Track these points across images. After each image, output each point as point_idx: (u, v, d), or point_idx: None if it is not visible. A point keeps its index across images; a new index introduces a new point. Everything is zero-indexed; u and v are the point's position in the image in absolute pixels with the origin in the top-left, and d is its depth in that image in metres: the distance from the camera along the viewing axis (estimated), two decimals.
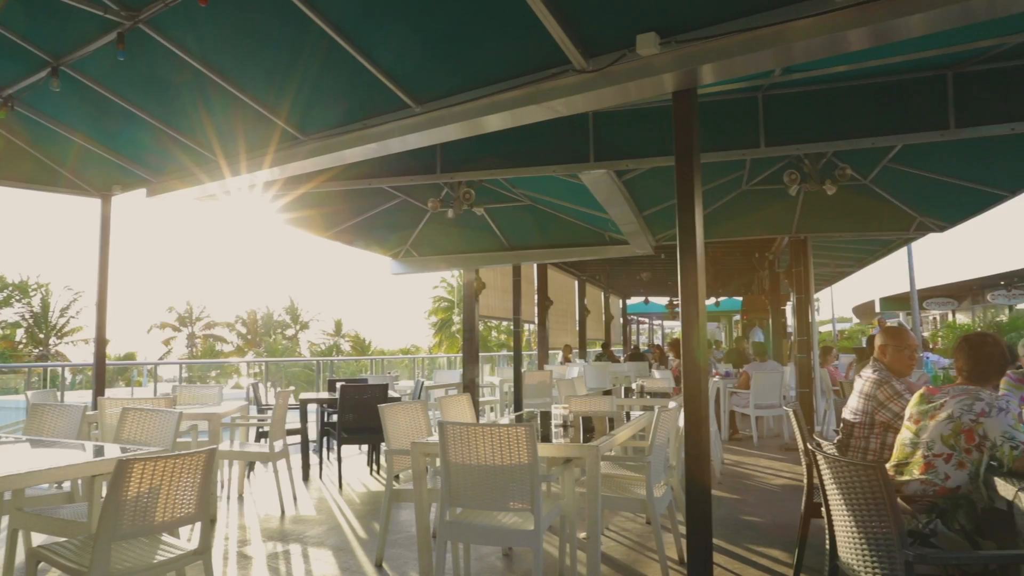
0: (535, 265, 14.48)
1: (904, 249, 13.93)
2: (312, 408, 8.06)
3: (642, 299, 24.19)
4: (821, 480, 2.98)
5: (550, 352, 15.58)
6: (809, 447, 3.75)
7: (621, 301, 25.00)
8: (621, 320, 25.36)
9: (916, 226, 7.81)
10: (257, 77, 4.56)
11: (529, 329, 19.21)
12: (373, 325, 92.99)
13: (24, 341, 39.39)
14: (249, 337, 47.96)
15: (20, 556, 4.24)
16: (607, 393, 7.87)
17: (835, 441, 3.97)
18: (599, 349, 19.48)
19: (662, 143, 5.33)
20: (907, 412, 3.33)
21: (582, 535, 4.53)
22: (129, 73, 4.79)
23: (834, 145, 5.14)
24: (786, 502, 6.10)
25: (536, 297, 14.76)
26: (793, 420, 4.32)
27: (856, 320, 37.89)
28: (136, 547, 3.21)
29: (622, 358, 17.32)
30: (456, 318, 46.16)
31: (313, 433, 8.24)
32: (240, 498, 6.55)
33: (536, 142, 5.75)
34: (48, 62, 4.73)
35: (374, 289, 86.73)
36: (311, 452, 7.78)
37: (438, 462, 4.26)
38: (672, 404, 4.87)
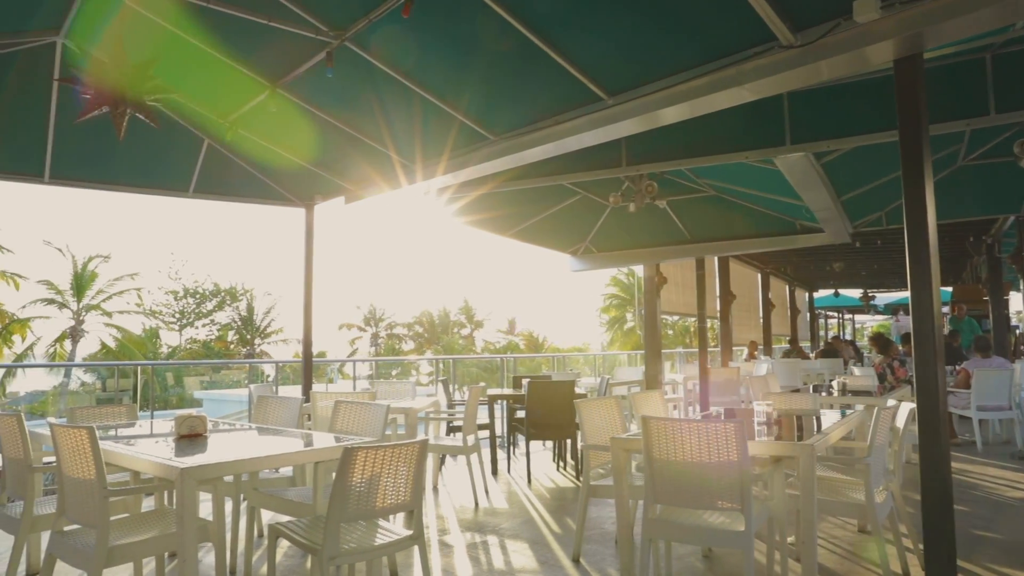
0: (716, 258, 13.96)
1: None
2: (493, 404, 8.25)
3: (831, 291, 22.62)
4: None
5: (733, 349, 14.96)
6: None
7: (807, 294, 23.52)
8: (808, 314, 23.85)
9: None
10: (453, 82, 4.72)
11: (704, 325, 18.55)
12: (545, 323, 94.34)
13: (235, 341, 43.77)
14: (427, 336, 50.32)
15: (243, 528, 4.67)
16: (795, 391, 7.40)
17: None
18: (786, 345, 18.45)
19: (868, 119, 4.90)
20: None
21: (791, 540, 4.26)
22: (333, 88, 5.14)
23: None
24: None
25: (718, 291, 14.22)
26: None
27: None
28: (357, 530, 3.41)
29: (812, 354, 16.27)
30: (629, 315, 45.73)
31: (498, 428, 8.45)
32: (435, 489, 6.83)
33: (726, 128, 5.50)
34: (266, 86, 5.19)
35: (545, 288, 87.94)
36: (498, 447, 7.98)
37: (634, 459, 4.18)
38: (891, 402, 4.46)
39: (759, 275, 17.31)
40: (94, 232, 75.77)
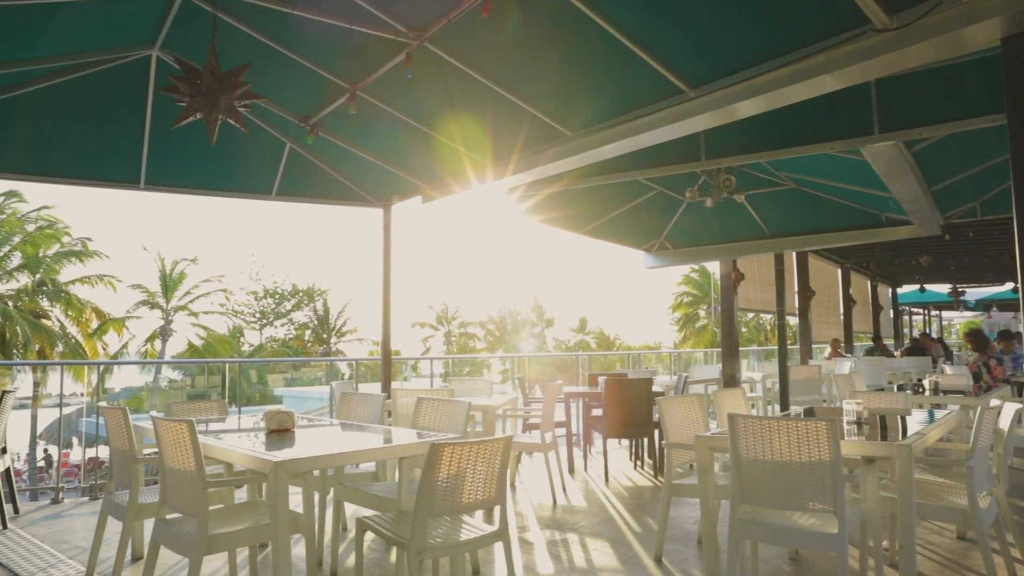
0: (794, 254, 13.55)
1: None
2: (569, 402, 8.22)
3: (916, 287, 21.66)
4: None
5: (813, 346, 14.50)
6: None
7: (891, 290, 22.59)
8: (891, 311, 22.90)
9: None
10: (530, 80, 4.73)
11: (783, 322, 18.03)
12: (616, 321, 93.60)
13: (311, 340, 45.03)
14: (498, 334, 50.61)
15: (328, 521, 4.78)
16: (880, 391, 7.10)
17: None
18: (867, 343, 17.78)
19: (966, 103, 4.66)
20: None
21: (884, 545, 4.10)
22: (412, 89, 5.22)
23: None
24: None
25: (796, 287, 13.82)
26: None
27: None
28: (442, 525, 3.45)
29: (897, 352, 15.63)
30: (701, 312, 44.91)
31: (574, 426, 8.42)
32: (512, 487, 6.86)
33: (809, 118, 5.33)
34: (346, 88, 5.30)
35: (615, 286, 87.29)
36: (574, 445, 7.96)
37: (714, 457, 4.10)
38: (995, 402, 4.24)
39: (839, 270, 16.72)
40: (181, 236, 79.22)
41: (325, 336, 44.70)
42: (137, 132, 5.98)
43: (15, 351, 24.45)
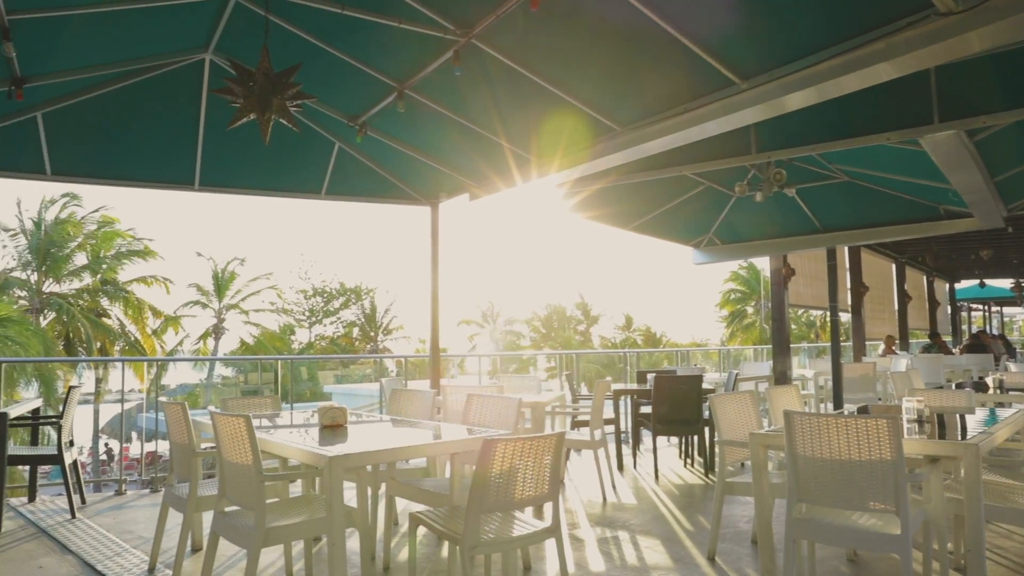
0: (846, 248, 13.23)
1: None
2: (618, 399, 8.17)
3: (975, 282, 20.94)
4: None
5: (867, 343, 14.14)
6: None
7: (948, 285, 21.89)
8: (949, 307, 22.19)
9: None
10: (578, 75, 4.70)
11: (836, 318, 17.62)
12: (662, 318, 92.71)
13: (359, 338, 45.67)
14: (544, 331, 50.56)
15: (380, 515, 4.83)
16: (938, 388, 6.88)
17: None
18: (924, 340, 17.26)
19: None
20: None
21: (950, 547, 3.97)
22: (459, 86, 5.23)
23: None
24: None
25: (849, 283, 13.49)
26: None
27: None
28: (494, 521, 3.46)
29: (956, 349, 15.15)
30: (749, 309, 44.18)
31: (622, 424, 8.36)
32: (561, 483, 6.84)
33: (864, 108, 5.18)
34: (394, 87, 5.35)
35: (660, 283, 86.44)
36: (622, 443, 7.90)
37: (769, 455, 4.02)
38: None
39: (893, 265, 16.27)
40: (231, 236, 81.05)
41: (372, 334, 45.30)
42: (192, 134, 6.13)
43: (79, 348, 25.36)
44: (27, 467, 6.28)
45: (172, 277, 30.17)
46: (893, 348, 14.35)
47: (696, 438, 7.70)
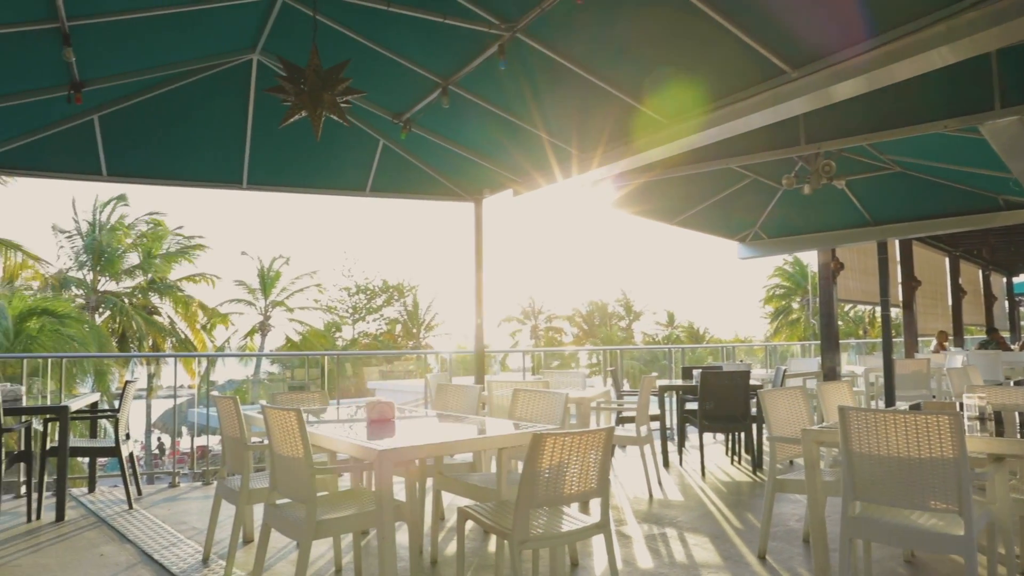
0: (897, 242, 12.89)
1: None
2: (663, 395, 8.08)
3: None
4: None
5: (919, 339, 13.76)
6: None
7: (1005, 279, 21.16)
8: (1006, 302, 21.44)
9: None
10: (623, 67, 4.65)
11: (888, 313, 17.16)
12: (704, 314, 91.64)
13: (401, 335, 46.12)
14: (586, 328, 50.40)
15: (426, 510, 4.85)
16: (998, 386, 6.65)
17: None
18: (980, 336, 16.73)
19: None
20: None
21: (1017, 551, 3.83)
22: (503, 81, 5.22)
23: None
24: None
25: (900, 277, 13.14)
26: None
27: None
28: (542, 516, 3.45)
29: (1015, 346, 14.66)
30: (794, 305, 43.41)
31: (667, 420, 8.28)
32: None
33: (919, 95, 5.03)
34: (438, 83, 5.36)
35: (703, 279, 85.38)
36: (667, 439, 7.83)
37: (824, 452, 3.93)
38: None
39: (947, 259, 15.80)
40: (275, 234, 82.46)
41: (415, 331, 45.70)
42: (240, 134, 6.24)
43: (131, 345, 26.12)
44: (87, 459, 6.49)
45: (218, 274, 30.92)
46: (945, 344, 13.94)
47: (743, 435, 7.58)
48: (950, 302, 15.89)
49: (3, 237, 20.62)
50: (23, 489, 6.09)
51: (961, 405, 4.24)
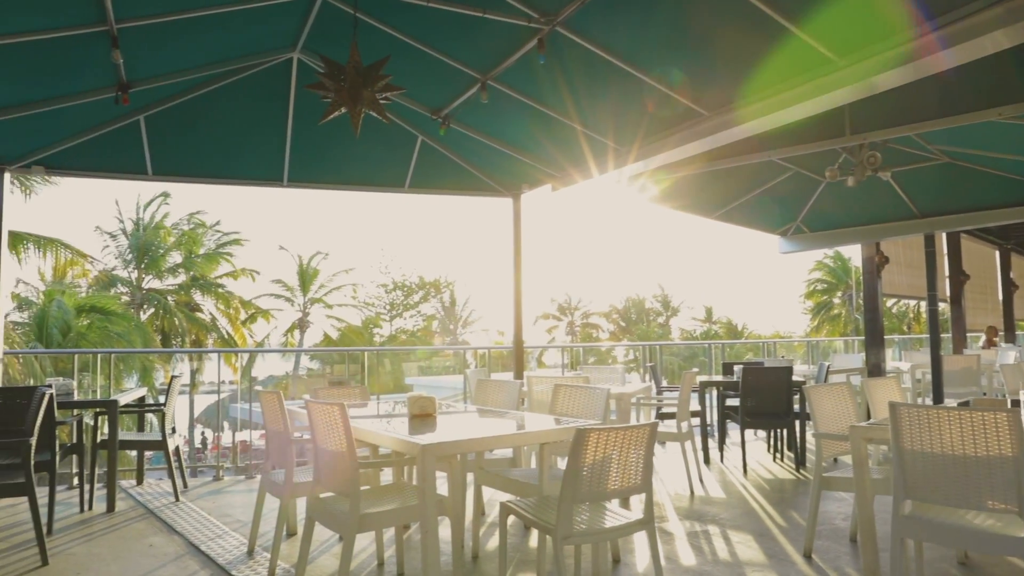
0: (944, 235, 12.56)
1: None
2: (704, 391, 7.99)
3: None
4: None
5: (968, 335, 13.40)
6: None
7: None
8: None
9: None
10: (664, 59, 4.59)
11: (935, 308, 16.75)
12: (743, 310, 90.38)
13: (438, 331, 46.43)
14: (623, 324, 50.14)
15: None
16: None
17: None
18: None
19: None
20: None
21: None
22: (542, 75, 5.19)
23: None
24: None
25: (947, 271, 12.80)
26: None
27: None
28: (585, 511, 3.43)
29: None
30: (836, 300, 42.62)
31: (708, 416, 8.19)
32: None
33: (970, 83, 4.88)
34: (477, 78, 5.36)
35: (741, 274, 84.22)
36: (708, 436, 7.74)
37: (871, 449, 3.83)
38: None
39: (997, 252, 15.34)
40: (313, 231, 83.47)
41: (452, 327, 45.95)
42: (280, 132, 6.31)
43: (173, 341, 26.70)
44: (135, 452, 6.65)
45: (258, 270, 31.42)
46: (995, 340, 13.55)
47: (785, 432, 7.46)
48: (1000, 297, 15.44)
49: (52, 236, 21.15)
50: (75, 480, 6.26)
51: (1015, 402, 4.12)
